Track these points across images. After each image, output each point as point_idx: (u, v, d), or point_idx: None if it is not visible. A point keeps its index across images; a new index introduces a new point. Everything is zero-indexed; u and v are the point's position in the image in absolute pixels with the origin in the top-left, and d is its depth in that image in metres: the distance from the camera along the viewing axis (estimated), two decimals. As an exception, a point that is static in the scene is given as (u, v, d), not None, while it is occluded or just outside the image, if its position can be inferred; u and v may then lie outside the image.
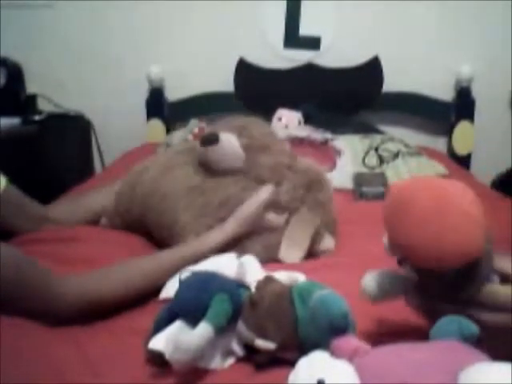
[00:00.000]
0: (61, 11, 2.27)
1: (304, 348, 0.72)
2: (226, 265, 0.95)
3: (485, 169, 2.22)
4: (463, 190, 0.69)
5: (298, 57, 2.26)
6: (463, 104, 2.24)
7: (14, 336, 0.82)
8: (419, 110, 2.26)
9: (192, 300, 0.80)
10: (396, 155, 1.91)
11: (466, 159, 2.26)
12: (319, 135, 1.98)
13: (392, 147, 1.95)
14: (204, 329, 0.74)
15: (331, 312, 0.72)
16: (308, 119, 2.14)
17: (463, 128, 2.23)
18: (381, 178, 1.76)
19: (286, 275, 0.87)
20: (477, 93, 2.23)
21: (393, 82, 2.21)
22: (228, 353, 0.80)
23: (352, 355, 0.67)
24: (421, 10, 2.22)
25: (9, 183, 1.23)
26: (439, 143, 2.32)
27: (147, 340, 0.79)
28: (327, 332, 0.71)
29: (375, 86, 2.23)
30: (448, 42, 2.25)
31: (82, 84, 2.33)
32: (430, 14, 2.23)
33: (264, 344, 0.74)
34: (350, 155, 1.91)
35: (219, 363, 0.78)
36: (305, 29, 2.26)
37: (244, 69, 2.25)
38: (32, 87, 2.25)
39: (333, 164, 1.86)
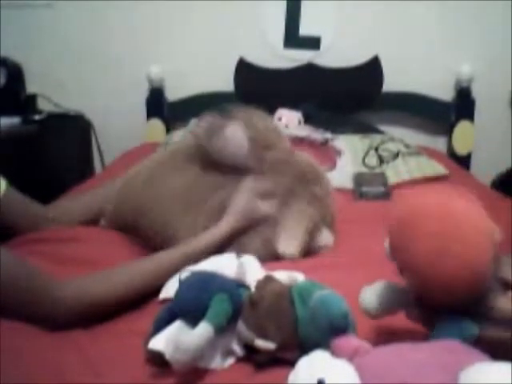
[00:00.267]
0: (61, 11, 2.27)
1: (304, 348, 0.72)
2: (226, 265, 0.95)
3: (485, 169, 2.22)
4: (470, 206, 0.68)
5: (298, 57, 2.26)
6: (463, 104, 2.24)
7: (14, 337, 0.82)
8: (419, 110, 2.26)
9: (192, 300, 0.80)
10: (396, 155, 1.91)
11: (466, 159, 2.26)
12: (319, 135, 1.98)
13: (392, 147, 1.95)
14: (204, 329, 0.74)
15: (331, 312, 0.72)
16: (308, 119, 2.14)
17: (463, 128, 2.23)
18: (381, 178, 1.76)
19: (286, 275, 0.87)
20: (477, 93, 2.23)
21: (393, 82, 2.21)
22: (228, 353, 0.80)
23: (352, 355, 0.67)
24: (421, 10, 2.22)
25: (9, 186, 1.22)
26: (439, 143, 2.31)
27: (147, 340, 0.79)
28: (327, 332, 0.71)
29: (375, 86, 2.23)
30: (448, 42, 2.25)
31: (82, 84, 2.33)
32: (430, 14, 2.22)
33: (264, 344, 0.74)
34: (350, 155, 1.91)
35: (219, 363, 0.78)
36: (305, 29, 2.26)
37: (244, 69, 2.25)
38: (32, 87, 2.25)
39: (333, 164, 1.86)
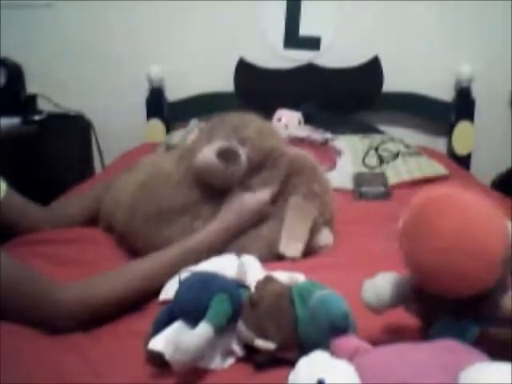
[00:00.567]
0: (61, 11, 2.26)
1: (304, 348, 0.72)
2: (227, 265, 0.95)
3: (485, 169, 2.22)
4: (483, 203, 0.68)
5: (298, 57, 2.26)
6: (463, 104, 2.23)
7: (14, 339, 0.82)
8: (419, 110, 2.26)
9: (192, 300, 0.80)
10: (396, 155, 1.91)
11: (466, 159, 2.26)
12: (319, 135, 1.98)
13: (392, 147, 1.95)
14: (204, 329, 0.74)
15: (331, 312, 0.72)
16: (308, 119, 2.13)
17: (463, 128, 2.23)
18: (381, 178, 1.76)
19: (286, 275, 0.87)
20: (477, 93, 2.23)
21: (393, 82, 2.21)
22: (228, 353, 0.80)
23: (352, 355, 0.67)
24: (421, 10, 2.22)
25: (8, 188, 1.22)
26: (439, 143, 2.31)
27: (147, 341, 0.79)
28: (327, 332, 0.71)
29: (375, 86, 2.23)
30: (448, 42, 2.25)
31: (82, 84, 2.33)
32: (430, 14, 2.22)
33: (264, 344, 0.74)
34: (350, 155, 1.91)
35: (219, 363, 0.78)
36: (305, 29, 2.26)
37: (244, 69, 2.25)
38: (32, 87, 2.25)
39: (333, 164, 1.86)
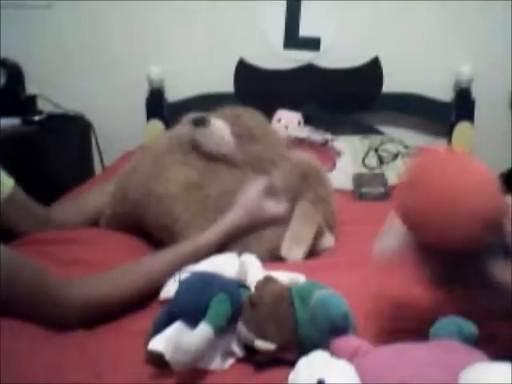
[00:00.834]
0: (61, 11, 2.26)
1: (304, 348, 0.72)
2: (227, 265, 0.95)
3: (485, 169, 2.22)
4: (483, 169, 0.71)
5: (298, 57, 2.26)
6: (463, 104, 2.23)
7: (14, 336, 0.82)
8: (419, 111, 2.26)
9: (192, 301, 0.80)
10: (396, 156, 1.91)
11: (466, 159, 2.26)
12: (319, 136, 1.98)
13: (392, 148, 1.95)
14: (204, 330, 0.74)
15: (331, 312, 0.72)
16: (308, 120, 2.14)
17: (463, 128, 2.23)
18: (380, 179, 1.76)
19: (286, 276, 0.87)
20: (477, 93, 2.22)
21: (393, 83, 2.21)
22: (228, 353, 0.80)
23: (352, 355, 0.67)
24: (421, 10, 2.22)
25: (16, 185, 1.23)
26: (439, 144, 2.31)
27: (147, 341, 0.79)
28: (327, 332, 0.71)
29: (375, 87, 2.23)
30: (448, 42, 2.25)
31: (82, 84, 2.32)
32: (430, 14, 2.22)
33: (264, 345, 0.74)
34: (350, 156, 1.91)
35: (219, 364, 0.78)
36: (305, 29, 2.26)
37: (244, 69, 2.25)
38: (32, 87, 2.25)
39: (333, 165, 1.86)
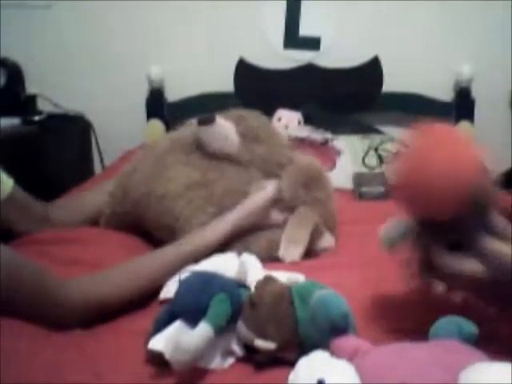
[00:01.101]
0: (61, 11, 2.26)
1: (304, 348, 0.72)
2: (227, 265, 0.95)
3: (485, 169, 2.22)
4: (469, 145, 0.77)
5: (298, 57, 2.26)
6: (463, 104, 2.23)
7: (14, 336, 0.82)
8: (419, 110, 2.25)
9: (192, 300, 0.79)
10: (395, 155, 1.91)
11: (466, 159, 2.26)
12: (319, 135, 1.98)
13: (392, 147, 1.95)
14: (203, 329, 0.74)
15: (331, 312, 0.72)
16: (308, 119, 2.14)
17: (463, 128, 2.23)
18: (380, 178, 1.76)
19: (286, 276, 0.87)
20: (477, 93, 2.22)
21: (393, 82, 2.21)
22: (228, 353, 0.80)
23: (352, 355, 0.67)
24: (421, 10, 2.22)
25: (15, 184, 1.23)
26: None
27: (147, 340, 0.79)
28: (327, 332, 0.71)
29: (375, 86, 2.23)
30: (448, 42, 2.25)
31: (82, 84, 2.32)
32: (430, 14, 2.22)
33: (264, 344, 0.74)
34: (350, 155, 1.91)
35: (219, 363, 0.78)
36: (305, 29, 2.26)
37: (244, 69, 2.25)
38: (32, 87, 2.24)
39: (332, 164, 1.86)
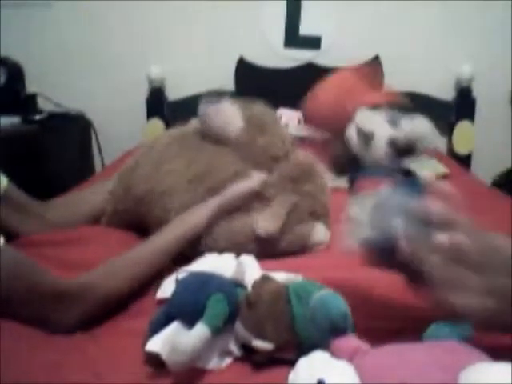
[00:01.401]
0: (61, 11, 2.27)
1: (304, 348, 0.72)
2: (224, 265, 0.94)
3: (485, 168, 2.22)
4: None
5: (299, 56, 2.26)
6: (463, 104, 2.24)
7: (13, 337, 0.82)
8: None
9: (189, 301, 0.79)
10: (396, 155, 1.91)
11: (467, 159, 2.26)
12: (319, 134, 1.97)
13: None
14: (201, 330, 0.74)
15: (331, 312, 0.72)
16: (308, 119, 2.14)
17: (463, 128, 2.23)
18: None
19: (284, 275, 0.87)
20: (477, 92, 2.23)
21: (393, 82, 2.21)
22: (226, 353, 0.80)
23: (352, 355, 0.67)
24: (421, 10, 2.22)
25: (9, 182, 1.22)
26: (439, 143, 2.31)
27: (144, 341, 0.79)
28: (327, 332, 0.71)
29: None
30: (448, 42, 2.25)
31: (83, 84, 2.33)
32: (431, 14, 2.23)
33: (262, 344, 0.74)
34: (350, 155, 1.91)
35: (217, 363, 0.78)
36: (305, 28, 2.26)
37: (244, 68, 2.25)
38: (32, 86, 2.25)
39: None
